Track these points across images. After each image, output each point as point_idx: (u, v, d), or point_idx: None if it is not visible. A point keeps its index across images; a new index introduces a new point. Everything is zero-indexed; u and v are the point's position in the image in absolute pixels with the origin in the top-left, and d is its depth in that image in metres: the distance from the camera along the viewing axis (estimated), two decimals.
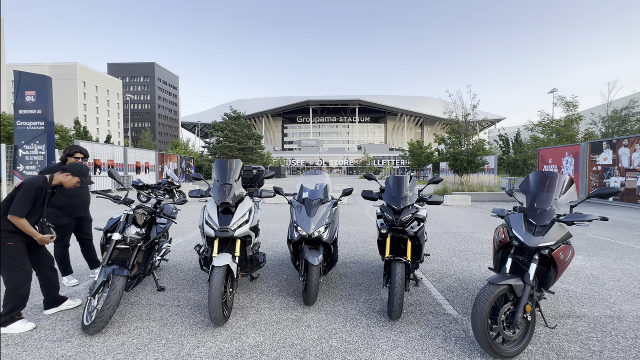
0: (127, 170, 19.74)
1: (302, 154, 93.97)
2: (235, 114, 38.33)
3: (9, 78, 55.08)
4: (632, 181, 11.42)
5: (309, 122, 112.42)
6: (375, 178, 4.20)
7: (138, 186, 12.01)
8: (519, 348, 2.39)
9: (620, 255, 5.22)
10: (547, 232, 2.47)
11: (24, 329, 2.73)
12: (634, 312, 3.16)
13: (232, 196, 3.20)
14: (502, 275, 2.42)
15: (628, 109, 21.06)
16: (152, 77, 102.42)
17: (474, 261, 4.89)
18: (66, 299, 3.18)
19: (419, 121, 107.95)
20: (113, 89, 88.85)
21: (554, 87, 37.54)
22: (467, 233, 7.04)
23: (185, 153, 39.88)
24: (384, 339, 2.64)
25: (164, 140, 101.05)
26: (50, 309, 3.06)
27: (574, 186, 2.83)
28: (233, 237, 3.09)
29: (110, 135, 41.71)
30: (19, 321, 2.75)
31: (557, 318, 3.03)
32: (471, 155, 16.75)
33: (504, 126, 35.97)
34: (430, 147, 38.41)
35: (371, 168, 73.00)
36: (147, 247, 3.29)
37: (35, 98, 12.56)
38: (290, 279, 4.06)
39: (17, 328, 2.71)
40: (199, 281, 3.95)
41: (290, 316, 3.04)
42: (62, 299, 3.15)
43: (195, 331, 2.74)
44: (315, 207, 3.45)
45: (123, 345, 2.52)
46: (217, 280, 2.70)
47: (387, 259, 3.09)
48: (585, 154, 13.58)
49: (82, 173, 2.98)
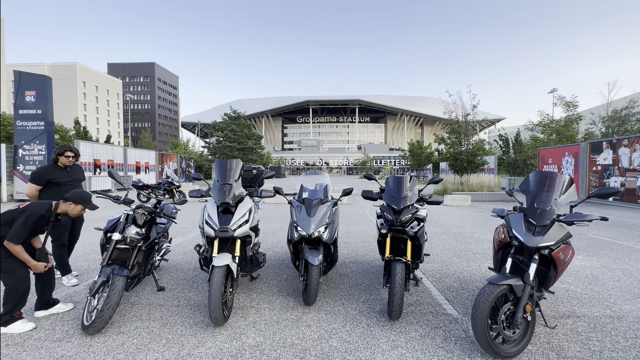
0: (127, 170, 19.74)
1: (302, 154, 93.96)
2: (235, 114, 38.33)
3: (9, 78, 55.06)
4: (632, 181, 11.42)
5: (309, 122, 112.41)
6: (375, 178, 4.20)
7: (138, 186, 12.02)
8: (519, 348, 2.39)
9: (620, 255, 5.22)
10: (547, 232, 2.47)
11: (24, 329, 2.72)
12: (634, 312, 3.16)
13: (232, 196, 3.20)
14: (502, 275, 2.42)
15: (628, 109, 21.05)
16: (152, 77, 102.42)
17: (474, 261, 4.89)
18: (58, 301, 3.13)
19: (419, 121, 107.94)
20: (113, 89, 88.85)
21: (554, 87, 37.60)
22: (467, 233, 7.04)
23: (185, 153, 39.89)
24: (384, 339, 2.64)
25: (164, 140, 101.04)
26: (41, 311, 3.00)
27: (574, 186, 2.83)
28: (233, 237, 3.09)
29: (110, 135, 41.68)
30: (20, 321, 2.75)
31: (557, 318, 3.03)
32: (471, 155, 16.74)
33: (504, 126, 35.97)
34: (430, 147, 38.43)
35: (371, 168, 72.99)
36: (147, 247, 3.29)
37: (35, 98, 12.56)
38: (290, 279, 4.06)
39: (17, 328, 2.71)
40: (199, 281, 3.95)
41: (290, 316, 3.04)
42: (54, 301, 3.10)
43: (195, 331, 2.74)
44: (315, 207, 3.45)
45: (123, 345, 2.52)
46: (217, 280, 2.70)
47: (387, 259, 3.09)
48: (585, 154, 13.58)
49: (84, 200, 2.92)
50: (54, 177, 3.66)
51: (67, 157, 3.74)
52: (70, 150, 3.76)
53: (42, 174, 3.63)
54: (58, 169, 3.74)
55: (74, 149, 3.81)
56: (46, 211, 2.74)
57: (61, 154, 3.72)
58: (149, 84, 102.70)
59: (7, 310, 2.70)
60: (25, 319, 2.82)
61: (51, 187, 3.65)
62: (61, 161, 3.74)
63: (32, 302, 3.12)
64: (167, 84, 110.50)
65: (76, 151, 3.82)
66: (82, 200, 2.91)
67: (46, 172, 3.66)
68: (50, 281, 3.02)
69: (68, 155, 3.74)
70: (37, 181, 3.61)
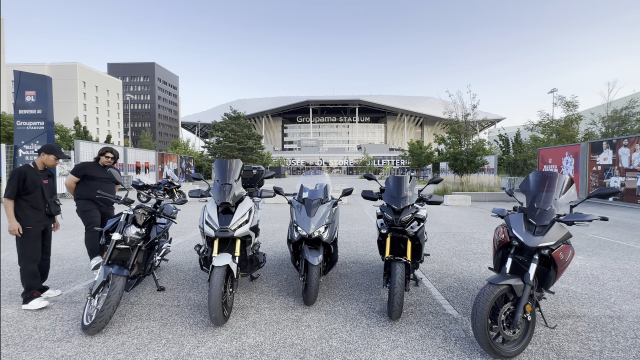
0: (127, 170, 19.73)
1: (302, 154, 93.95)
2: (235, 114, 38.32)
3: (9, 78, 55.07)
4: (632, 181, 11.42)
5: (309, 122, 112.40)
6: (375, 178, 4.20)
7: (138, 186, 11.95)
8: (519, 348, 2.39)
9: (620, 255, 5.22)
10: (547, 232, 2.47)
11: (40, 305, 3.13)
12: (634, 312, 3.16)
13: (232, 196, 3.20)
14: (502, 275, 2.42)
15: (628, 109, 21.06)
16: (152, 77, 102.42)
17: (474, 261, 4.89)
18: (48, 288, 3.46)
19: (419, 121, 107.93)
20: (113, 89, 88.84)
21: (554, 87, 37.55)
22: (467, 233, 7.04)
23: (185, 153, 39.86)
24: (384, 339, 2.64)
25: (164, 140, 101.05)
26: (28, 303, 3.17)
27: (574, 186, 2.83)
28: (233, 237, 3.09)
29: (110, 135, 41.66)
30: (37, 299, 3.16)
31: (557, 318, 3.03)
32: (471, 155, 16.74)
33: (504, 126, 36.00)
34: (430, 147, 38.40)
35: (371, 168, 72.98)
36: (147, 247, 3.29)
37: (35, 98, 12.56)
38: (290, 279, 4.06)
39: (35, 305, 3.12)
40: (199, 281, 3.95)
41: (290, 316, 3.04)
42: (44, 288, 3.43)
43: (195, 331, 2.74)
44: (315, 207, 3.45)
45: (123, 345, 2.52)
46: (217, 280, 2.70)
47: (387, 259, 3.09)
48: (585, 154, 13.58)
49: (54, 150, 3.30)
50: (90, 172, 4.00)
51: (107, 158, 4.10)
52: (111, 151, 4.11)
53: (81, 168, 4.00)
54: (96, 166, 4.10)
55: (115, 151, 4.15)
56: (27, 167, 3.18)
57: (103, 154, 4.09)
58: (149, 84, 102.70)
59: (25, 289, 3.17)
60: (41, 297, 3.25)
61: (85, 181, 3.98)
62: (102, 160, 4.10)
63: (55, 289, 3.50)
64: (167, 84, 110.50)
65: (116, 153, 4.17)
66: (52, 150, 3.29)
67: (85, 167, 4.03)
68: (44, 272, 3.42)
69: (108, 156, 4.10)
70: (76, 173, 3.98)
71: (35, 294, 3.22)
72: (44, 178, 3.30)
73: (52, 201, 3.31)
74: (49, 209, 3.28)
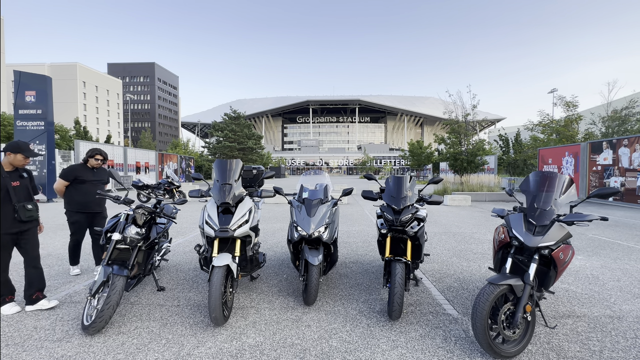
0: (127, 170, 19.73)
1: (302, 154, 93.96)
2: (235, 114, 38.32)
3: (9, 78, 55.05)
4: (632, 181, 11.42)
5: (309, 122, 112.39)
6: (375, 178, 4.20)
7: (138, 186, 11.98)
8: (519, 348, 2.39)
9: (620, 255, 5.22)
10: (547, 232, 2.47)
11: (49, 305, 3.14)
12: (634, 312, 3.16)
13: (232, 196, 3.20)
14: (502, 275, 2.42)
15: (628, 109, 21.06)
16: (152, 77, 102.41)
17: (474, 261, 4.89)
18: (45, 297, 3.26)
19: (419, 121, 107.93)
20: (113, 89, 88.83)
21: (554, 87, 37.56)
22: (467, 233, 7.04)
23: (185, 153, 39.87)
24: (384, 339, 2.64)
25: (164, 140, 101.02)
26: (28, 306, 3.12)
27: (574, 186, 2.83)
28: (233, 237, 3.09)
29: (110, 135, 41.67)
30: (8, 304, 3.07)
31: (557, 318, 3.03)
32: (471, 155, 16.74)
33: (504, 126, 35.99)
34: (430, 147, 38.41)
35: (371, 168, 72.98)
36: (147, 247, 3.29)
37: (35, 98, 12.56)
38: (290, 279, 4.06)
39: (43, 305, 3.12)
40: (199, 281, 3.95)
41: (290, 316, 3.04)
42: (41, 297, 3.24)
43: (195, 331, 2.74)
44: (315, 207, 3.45)
45: (123, 345, 2.52)
46: (217, 280, 2.70)
47: (387, 259, 3.09)
48: (585, 154, 13.58)
49: (20, 149, 3.03)
50: (80, 175, 3.96)
51: (97, 160, 4.06)
52: (100, 153, 4.08)
53: (71, 171, 3.96)
54: (86, 169, 4.05)
55: (103, 152, 4.12)
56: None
57: (92, 156, 4.05)
58: (149, 84, 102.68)
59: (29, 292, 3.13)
60: (48, 297, 3.23)
61: (76, 184, 3.95)
62: (90, 163, 4.06)
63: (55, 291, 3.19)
64: (167, 84, 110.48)
65: (105, 155, 4.15)
66: (18, 149, 3.02)
67: (74, 170, 3.99)
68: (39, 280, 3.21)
69: (97, 158, 4.06)
70: (66, 177, 3.93)
71: (9, 298, 3.08)
72: (14, 180, 3.01)
73: (21, 206, 2.97)
74: (17, 214, 2.95)
